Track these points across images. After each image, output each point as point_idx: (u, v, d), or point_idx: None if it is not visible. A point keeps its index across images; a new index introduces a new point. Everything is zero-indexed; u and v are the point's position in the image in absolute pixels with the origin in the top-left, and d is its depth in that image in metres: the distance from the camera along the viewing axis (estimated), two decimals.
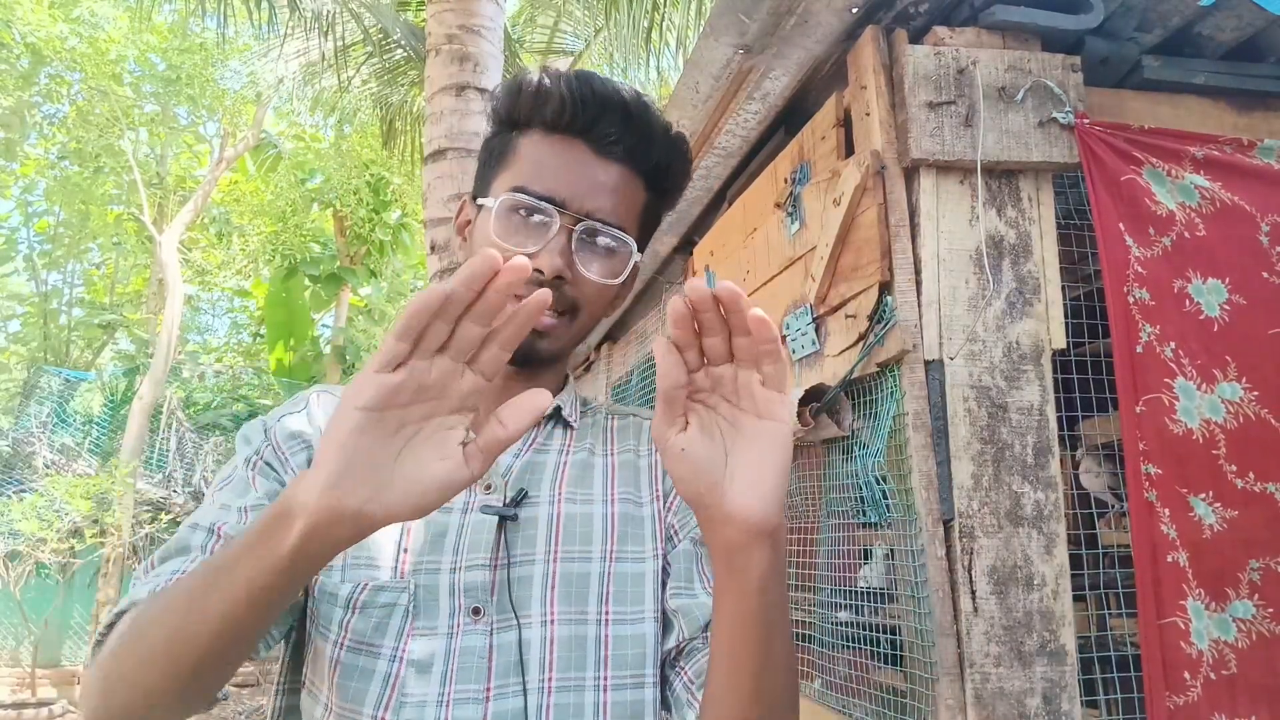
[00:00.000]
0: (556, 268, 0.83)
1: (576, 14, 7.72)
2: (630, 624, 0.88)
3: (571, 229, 0.85)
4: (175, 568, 0.77)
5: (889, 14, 1.65)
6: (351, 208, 10.58)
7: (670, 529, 0.93)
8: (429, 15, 3.96)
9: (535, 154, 0.88)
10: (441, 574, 0.84)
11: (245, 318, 15.00)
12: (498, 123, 0.92)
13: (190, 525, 0.81)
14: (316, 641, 0.85)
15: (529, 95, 0.88)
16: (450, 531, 0.85)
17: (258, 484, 0.85)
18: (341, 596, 0.83)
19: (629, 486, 0.94)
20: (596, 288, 0.88)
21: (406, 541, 0.85)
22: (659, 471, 0.95)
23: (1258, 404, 1.57)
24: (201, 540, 0.79)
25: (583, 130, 0.87)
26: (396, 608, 0.82)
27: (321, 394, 0.94)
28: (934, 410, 1.52)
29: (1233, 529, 1.52)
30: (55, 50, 9.34)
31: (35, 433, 8.85)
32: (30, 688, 8.41)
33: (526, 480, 0.90)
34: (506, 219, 0.86)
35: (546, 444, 0.94)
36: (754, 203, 2.23)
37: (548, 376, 0.95)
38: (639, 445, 0.97)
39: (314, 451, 0.86)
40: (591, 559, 0.88)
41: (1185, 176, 1.65)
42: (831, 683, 1.81)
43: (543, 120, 0.88)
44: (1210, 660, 1.46)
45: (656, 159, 0.91)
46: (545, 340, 0.87)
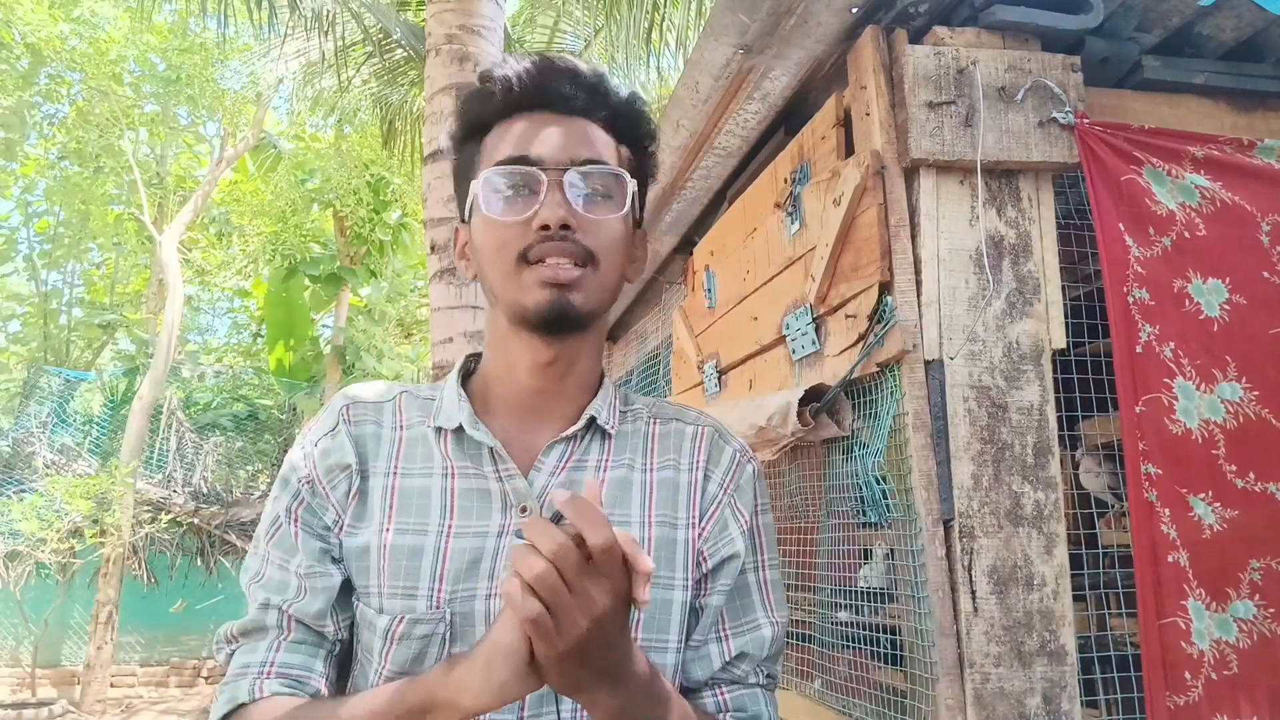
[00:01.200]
0: (560, 217, 0.82)
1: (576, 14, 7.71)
2: (655, 652, 0.87)
3: (560, 180, 0.84)
4: (263, 658, 0.85)
5: (889, 14, 1.65)
6: (351, 208, 10.57)
7: (701, 555, 0.92)
8: (429, 15, 3.96)
9: (499, 137, 0.88)
10: (477, 600, 0.84)
11: (245, 318, 15.00)
12: (457, 142, 0.92)
13: (261, 604, 0.87)
14: (362, 663, 0.88)
15: (475, 99, 0.89)
16: (486, 557, 0.85)
17: (301, 541, 0.87)
18: (380, 628, 0.84)
19: (667, 508, 0.92)
20: (607, 228, 0.86)
21: (443, 569, 0.84)
22: (698, 492, 0.94)
23: (1258, 404, 1.57)
24: (275, 620, 0.86)
25: (537, 101, 0.87)
26: (434, 637, 0.84)
27: (352, 405, 0.92)
28: (934, 410, 1.52)
29: (1233, 529, 1.51)
30: (55, 50, 9.34)
31: (35, 433, 8.85)
32: (30, 688, 8.41)
33: None
34: (494, 199, 0.85)
35: (583, 460, 0.91)
36: (754, 203, 2.23)
37: (581, 362, 0.93)
38: (679, 459, 0.95)
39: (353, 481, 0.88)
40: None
41: (1185, 176, 1.65)
42: (831, 683, 1.81)
43: (496, 112, 0.88)
44: (1211, 660, 1.45)
45: (616, 107, 0.90)
46: (574, 293, 0.84)
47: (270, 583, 0.87)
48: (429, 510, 0.86)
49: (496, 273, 0.86)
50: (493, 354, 0.93)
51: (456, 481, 0.88)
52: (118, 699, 9.05)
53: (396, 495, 0.87)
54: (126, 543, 8.42)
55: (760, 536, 0.97)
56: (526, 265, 0.84)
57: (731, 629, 0.93)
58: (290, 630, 0.86)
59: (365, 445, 0.90)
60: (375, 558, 0.85)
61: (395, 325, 12.73)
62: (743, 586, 0.94)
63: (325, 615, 0.86)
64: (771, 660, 0.95)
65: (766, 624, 0.94)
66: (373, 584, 0.85)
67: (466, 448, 0.89)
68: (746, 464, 0.98)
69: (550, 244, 0.83)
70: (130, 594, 9.06)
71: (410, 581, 0.84)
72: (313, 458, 0.89)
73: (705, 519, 0.93)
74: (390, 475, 0.88)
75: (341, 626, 0.88)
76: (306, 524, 0.88)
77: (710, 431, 0.98)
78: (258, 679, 0.83)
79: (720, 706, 0.92)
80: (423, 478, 0.88)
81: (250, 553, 0.91)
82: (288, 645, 0.86)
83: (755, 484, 0.98)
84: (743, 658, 0.93)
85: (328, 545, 0.87)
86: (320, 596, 0.86)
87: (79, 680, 8.66)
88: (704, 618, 0.92)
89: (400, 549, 0.85)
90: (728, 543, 0.93)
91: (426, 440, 0.90)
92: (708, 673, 0.92)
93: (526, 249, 0.83)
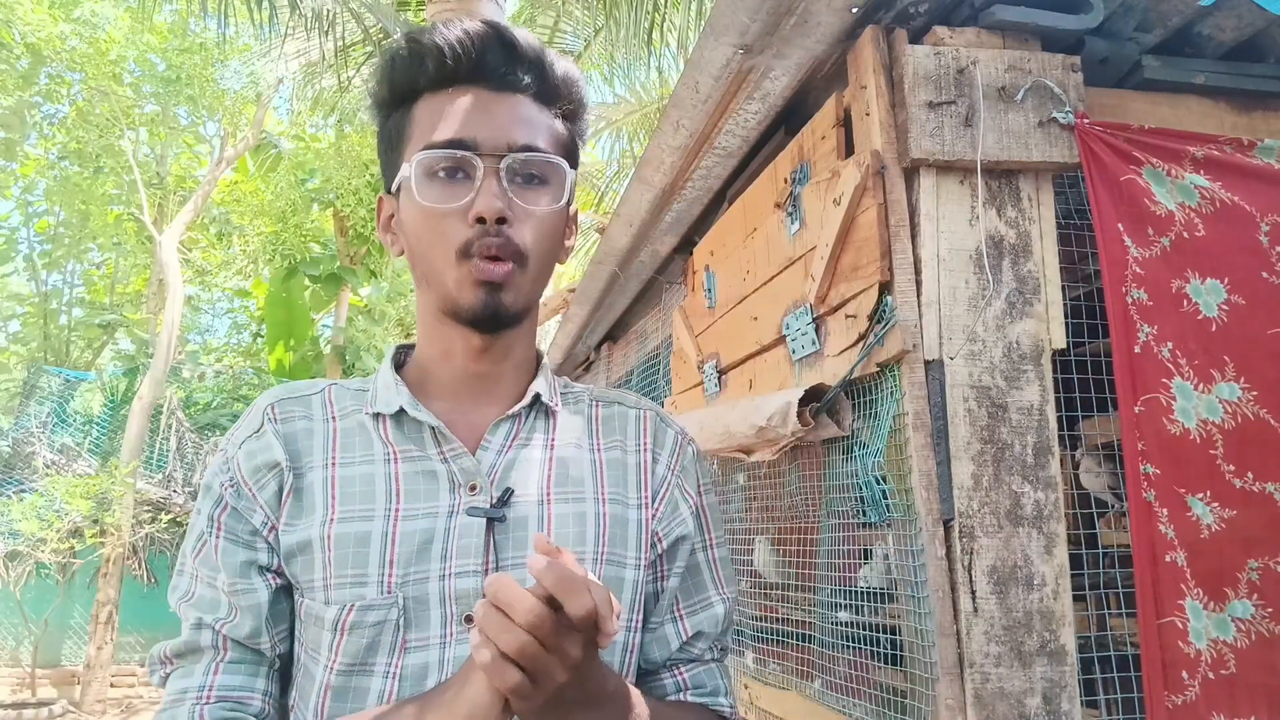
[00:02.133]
0: (496, 210, 0.80)
1: (576, 14, 7.72)
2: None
3: (497, 167, 0.81)
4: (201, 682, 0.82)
5: (889, 14, 1.65)
6: (351, 208, 10.57)
7: (655, 536, 0.92)
8: (429, 15, 3.96)
9: (432, 113, 0.83)
10: (430, 582, 0.82)
11: (245, 318, 15.00)
12: (383, 106, 0.88)
13: (194, 624, 0.84)
14: (306, 665, 0.84)
15: (404, 62, 0.84)
16: (437, 538, 0.83)
17: (223, 556, 0.84)
18: (329, 619, 0.81)
19: (617, 486, 0.91)
20: (542, 221, 0.84)
21: (391, 553, 0.82)
22: (647, 473, 0.94)
23: (1256, 404, 1.57)
24: (209, 640, 0.83)
25: (471, 75, 0.83)
26: (386, 624, 0.81)
27: (277, 403, 0.90)
28: (934, 410, 1.52)
29: (1231, 529, 1.51)
30: (55, 50, 9.34)
31: (35, 433, 8.85)
32: (30, 688, 8.41)
33: (512, 478, 0.87)
34: (428, 183, 0.82)
35: (530, 437, 0.90)
36: (754, 203, 2.23)
37: (518, 349, 0.92)
38: (625, 440, 0.95)
39: (284, 479, 0.85)
40: (584, 561, 0.86)
41: (1185, 176, 1.65)
42: (831, 683, 1.81)
43: (429, 81, 0.84)
44: (1209, 660, 1.45)
45: (554, 82, 0.87)
46: (505, 293, 0.83)
47: (201, 601, 0.84)
48: (373, 496, 0.84)
49: (429, 263, 0.84)
50: (428, 339, 0.91)
51: (400, 465, 0.86)
52: (118, 699, 9.05)
53: (337, 485, 0.84)
54: (126, 543, 8.42)
55: (706, 515, 0.98)
56: (464, 259, 0.82)
57: (686, 609, 0.95)
58: (226, 650, 0.83)
59: (296, 442, 0.87)
60: (319, 550, 0.82)
61: (395, 325, 12.73)
62: (694, 566, 0.96)
63: (259, 633, 0.83)
64: (724, 634, 0.97)
65: (719, 601, 0.96)
66: (317, 577, 0.82)
67: (408, 431, 0.87)
68: (688, 446, 0.99)
69: (485, 240, 0.81)
70: (130, 594, 9.06)
71: (359, 569, 0.81)
72: (236, 460, 0.86)
73: (657, 500, 0.93)
74: (329, 466, 0.86)
75: (278, 640, 0.85)
76: (230, 530, 0.85)
77: (653, 415, 0.99)
78: (197, 704, 0.81)
79: (680, 685, 0.94)
80: (364, 465, 0.86)
81: (177, 570, 0.88)
82: (225, 666, 0.83)
83: (696, 465, 0.99)
84: (699, 636, 0.95)
85: (253, 554, 0.84)
86: (250, 615, 0.83)
87: (79, 680, 8.66)
88: (661, 600, 0.93)
89: (346, 537, 0.82)
90: (680, 523, 0.94)
91: (364, 428, 0.88)
92: (666, 654, 0.93)
93: (466, 245, 0.81)
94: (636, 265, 3.11)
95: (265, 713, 0.83)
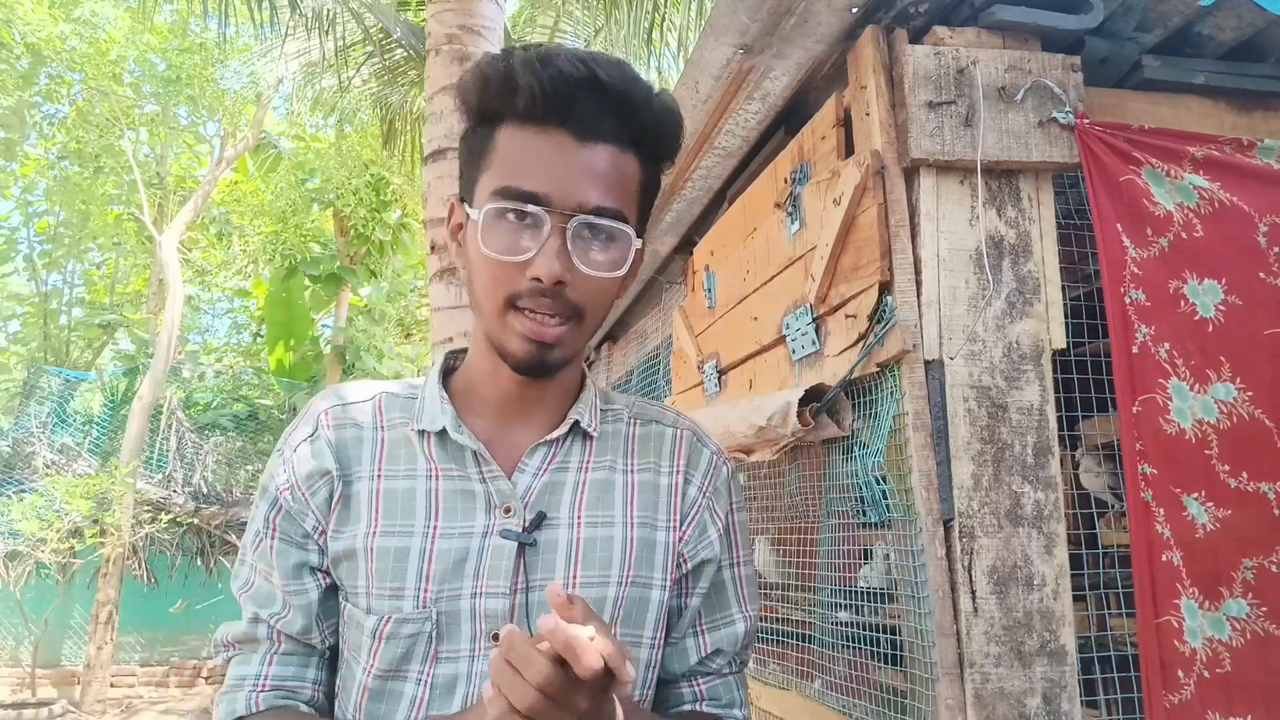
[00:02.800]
0: (555, 273, 0.79)
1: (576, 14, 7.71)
2: (630, 646, 0.90)
3: (564, 226, 0.80)
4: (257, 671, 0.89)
5: (889, 14, 1.65)
6: (351, 208, 10.56)
7: (681, 557, 0.94)
8: (429, 15, 3.96)
9: (513, 150, 0.82)
10: (462, 599, 0.86)
11: (245, 318, 14.99)
12: (471, 117, 0.87)
13: (251, 617, 0.90)
14: (349, 661, 0.90)
15: (497, 86, 0.82)
16: (471, 557, 0.86)
17: (278, 556, 0.89)
18: (368, 627, 0.86)
19: (648, 510, 0.93)
20: (600, 284, 0.83)
21: (429, 569, 0.86)
22: (678, 495, 0.95)
23: (1251, 404, 1.57)
24: (265, 634, 0.89)
25: (560, 117, 0.81)
26: (420, 635, 0.85)
27: (331, 409, 0.92)
28: (934, 410, 1.52)
29: (1226, 528, 1.52)
30: (55, 50, 9.34)
31: (35, 433, 8.84)
32: (30, 688, 8.41)
33: (545, 501, 0.89)
34: (494, 227, 0.81)
35: (565, 460, 0.92)
36: (754, 203, 2.23)
37: (561, 380, 0.93)
38: (659, 461, 0.96)
39: (334, 486, 0.89)
40: (609, 583, 0.89)
41: (1184, 177, 1.65)
42: (831, 683, 1.81)
43: (515, 112, 0.82)
44: (1204, 659, 1.46)
45: (643, 127, 0.85)
46: (555, 350, 0.84)
47: (259, 595, 0.90)
48: (414, 512, 0.87)
49: (480, 301, 0.85)
50: (478, 355, 0.93)
51: (441, 483, 0.89)
52: (118, 699, 9.04)
53: (381, 498, 0.88)
54: (126, 543, 8.42)
55: (735, 534, 1.00)
56: (513, 310, 0.82)
57: (708, 624, 0.97)
58: (280, 643, 0.90)
59: (346, 450, 0.90)
60: (362, 560, 0.87)
61: (395, 325, 12.73)
62: (719, 584, 0.97)
63: (310, 630, 0.89)
64: (744, 650, 1.00)
65: (740, 619, 0.98)
66: (360, 585, 0.87)
67: (450, 450, 0.90)
68: (722, 466, 1.00)
69: (540, 299, 0.81)
70: (130, 594, 9.06)
71: (397, 582, 0.85)
72: (291, 464, 0.90)
73: (686, 523, 0.95)
74: (374, 478, 0.89)
75: (328, 634, 0.91)
76: (285, 533, 0.89)
77: (689, 435, 1.00)
78: (254, 692, 0.88)
79: (696, 696, 0.97)
80: (407, 479, 0.89)
81: (239, 561, 0.94)
82: (279, 658, 0.89)
83: (730, 485, 1.01)
84: (718, 653, 0.97)
85: (305, 555, 0.89)
86: (301, 613, 0.89)
87: (79, 680, 8.66)
88: (684, 617, 0.96)
89: (387, 550, 0.86)
90: (706, 546, 0.96)
91: (409, 442, 0.91)
92: (685, 666, 0.96)
93: (515, 295, 0.82)
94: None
95: (315, 699, 0.90)
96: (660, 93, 0.86)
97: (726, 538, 0.98)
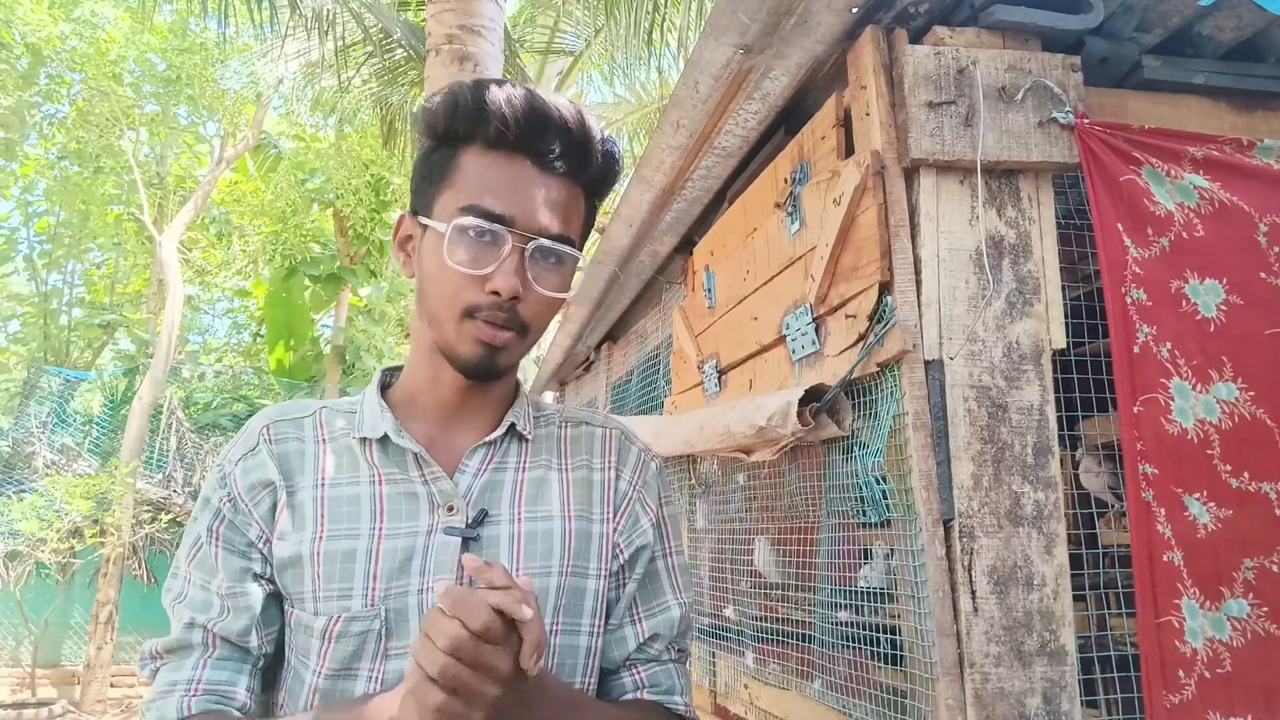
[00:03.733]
0: (513, 288, 0.86)
1: (576, 14, 7.71)
2: (570, 634, 0.95)
3: (524, 248, 0.87)
4: (190, 675, 0.89)
5: (889, 14, 1.65)
6: (351, 208, 10.57)
7: (616, 547, 1.00)
8: (429, 15, 3.96)
9: (480, 172, 0.89)
10: (410, 596, 0.89)
11: (245, 318, 15.00)
12: (434, 137, 0.93)
13: (186, 623, 0.91)
14: (296, 669, 0.92)
15: (468, 111, 0.89)
16: (416, 555, 0.90)
17: (221, 561, 0.91)
18: (317, 628, 0.88)
19: (583, 504, 0.99)
20: (546, 303, 0.91)
21: (376, 569, 0.89)
22: (610, 490, 1.01)
23: (1253, 404, 1.57)
24: (200, 639, 0.91)
25: (525, 147, 0.89)
26: (370, 633, 0.88)
27: (272, 424, 0.96)
28: (934, 410, 1.52)
29: (1227, 528, 1.52)
30: (55, 50, 9.34)
31: (35, 433, 8.85)
32: (30, 688, 8.41)
33: (487, 499, 0.94)
34: (458, 241, 0.87)
35: (504, 461, 0.98)
36: (754, 203, 2.23)
37: (500, 386, 1.00)
38: (591, 459, 1.02)
39: (277, 496, 0.92)
40: (550, 573, 0.94)
41: (1184, 177, 1.65)
42: (831, 683, 1.81)
43: (485, 137, 0.89)
44: (1205, 659, 1.46)
45: (593, 170, 0.94)
46: (502, 354, 0.90)
47: (194, 602, 0.92)
48: (359, 516, 0.91)
49: (437, 309, 0.90)
50: (419, 364, 0.98)
51: (384, 487, 0.93)
52: (118, 699, 9.04)
53: (327, 504, 0.91)
54: (126, 543, 8.42)
55: (666, 526, 1.06)
56: (469, 319, 0.89)
57: (644, 612, 1.02)
58: (215, 647, 0.91)
59: (289, 461, 0.94)
60: (309, 565, 0.89)
61: (395, 325, 12.73)
62: (653, 573, 1.03)
63: (249, 632, 0.91)
64: (681, 637, 1.04)
65: (675, 605, 1.03)
66: (307, 589, 0.89)
67: (391, 454, 0.94)
68: (650, 462, 1.07)
69: (495, 312, 0.88)
70: (130, 594, 9.06)
71: (345, 583, 0.88)
72: (233, 477, 0.93)
73: (619, 514, 1.01)
74: (319, 486, 0.92)
75: (266, 640, 0.92)
76: (228, 542, 0.92)
77: (618, 434, 1.07)
78: (185, 696, 0.88)
79: (638, 684, 1.00)
80: (350, 486, 0.92)
81: (171, 574, 0.95)
82: (213, 662, 0.90)
83: (659, 480, 1.07)
84: (655, 638, 1.01)
85: (248, 563, 0.92)
86: (243, 615, 0.90)
87: (79, 680, 8.66)
88: (620, 603, 1.00)
89: (334, 554, 0.89)
90: (640, 534, 1.01)
91: (351, 450, 0.95)
92: (624, 653, 1.00)
93: (474, 307, 0.88)
94: (636, 265, 3.11)
95: (248, 707, 0.90)
96: (607, 139, 0.95)
97: (659, 528, 1.03)
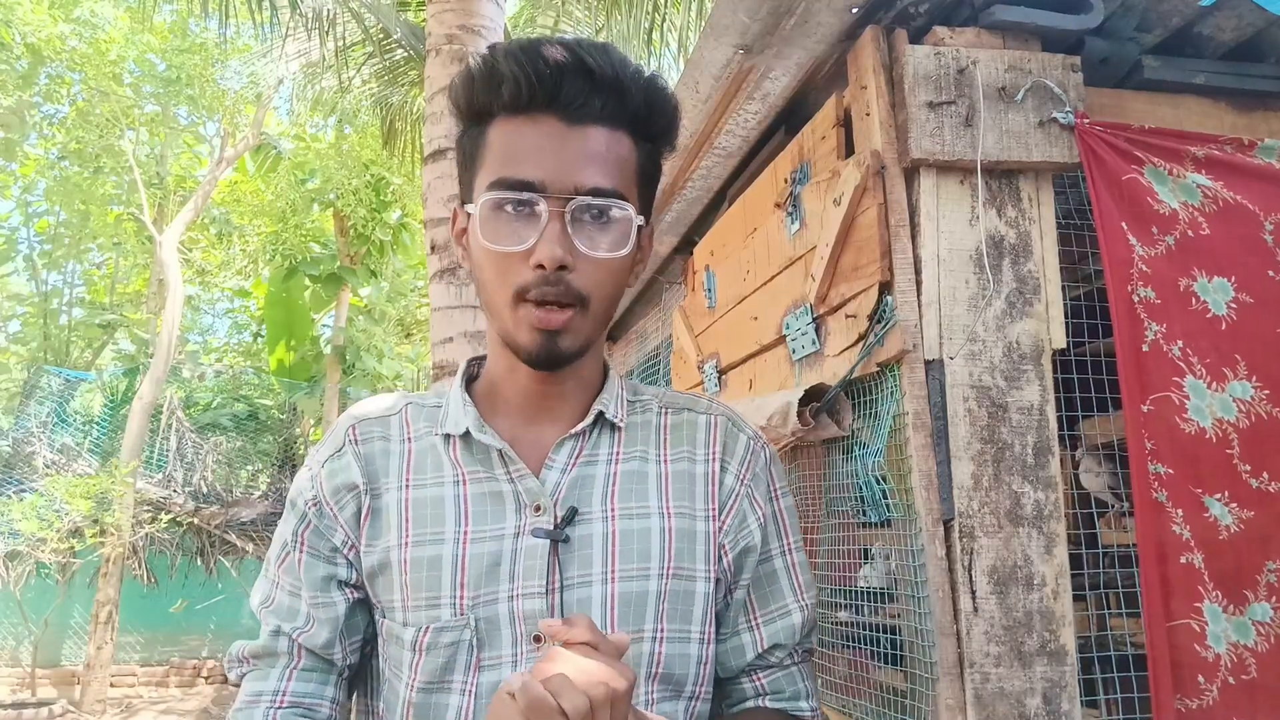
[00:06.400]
0: (557, 258, 0.79)
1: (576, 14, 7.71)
2: (679, 642, 0.88)
3: (563, 211, 0.80)
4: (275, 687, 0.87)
5: (889, 14, 1.65)
6: (351, 208, 10.56)
7: (721, 548, 0.91)
8: (429, 15, 3.96)
9: (504, 141, 0.82)
10: (500, 603, 0.84)
11: (245, 318, 14.99)
12: (463, 119, 0.87)
13: (273, 631, 0.89)
14: (390, 680, 0.88)
15: (483, 82, 0.83)
16: (504, 559, 0.85)
17: (305, 569, 0.88)
18: (407, 640, 0.85)
19: (684, 500, 0.91)
20: (604, 266, 0.83)
21: (463, 576, 0.84)
22: (715, 484, 0.92)
23: (1269, 403, 1.54)
24: (285, 648, 0.88)
25: (547, 103, 0.81)
26: (461, 644, 0.84)
27: (358, 423, 0.92)
28: (934, 410, 1.52)
29: (1249, 529, 1.48)
30: (55, 50, 9.33)
31: (35, 433, 8.84)
32: (30, 687, 8.41)
33: (576, 497, 0.87)
34: (492, 220, 0.81)
35: (594, 453, 0.90)
36: (754, 203, 2.22)
37: (581, 371, 0.91)
38: (694, 450, 0.94)
39: (361, 501, 0.88)
40: (649, 576, 0.86)
41: (1187, 176, 1.64)
42: (831, 683, 1.81)
43: (503, 105, 0.82)
44: (1229, 664, 1.42)
45: (634, 108, 0.84)
46: (564, 337, 0.83)
47: (280, 609, 0.89)
48: (444, 519, 0.86)
49: (490, 298, 0.85)
50: (495, 356, 0.93)
51: (469, 487, 0.88)
52: (118, 699, 9.04)
53: (411, 508, 0.87)
54: (126, 543, 8.41)
55: (783, 520, 0.96)
56: (523, 303, 0.82)
57: (763, 617, 0.93)
58: (300, 658, 0.88)
59: (374, 463, 0.90)
60: (396, 572, 0.85)
61: (395, 325, 12.73)
62: (770, 574, 0.94)
63: (333, 644, 0.88)
64: (804, 640, 0.96)
65: (797, 609, 0.94)
66: (396, 598, 0.85)
67: (475, 452, 0.89)
68: (760, 451, 0.97)
69: (544, 287, 0.80)
70: (130, 594, 9.06)
71: (432, 591, 0.84)
72: (319, 479, 0.90)
73: (725, 512, 0.92)
74: (403, 489, 0.88)
75: (349, 651, 0.90)
76: (313, 547, 0.89)
77: (724, 421, 0.97)
78: (271, 708, 0.86)
79: (758, 691, 0.93)
80: (435, 487, 0.88)
81: (261, 575, 0.93)
82: (299, 674, 0.88)
83: (770, 470, 0.97)
84: (776, 647, 0.93)
85: (333, 569, 0.88)
86: (326, 626, 0.87)
87: (79, 680, 8.66)
88: (730, 610, 0.93)
89: (420, 560, 0.85)
90: (746, 535, 0.92)
91: (435, 449, 0.90)
92: (743, 662, 0.93)
93: (523, 288, 0.81)
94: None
95: (332, 718, 0.89)
96: (651, 74, 0.85)
97: (773, 523, 0.95)
